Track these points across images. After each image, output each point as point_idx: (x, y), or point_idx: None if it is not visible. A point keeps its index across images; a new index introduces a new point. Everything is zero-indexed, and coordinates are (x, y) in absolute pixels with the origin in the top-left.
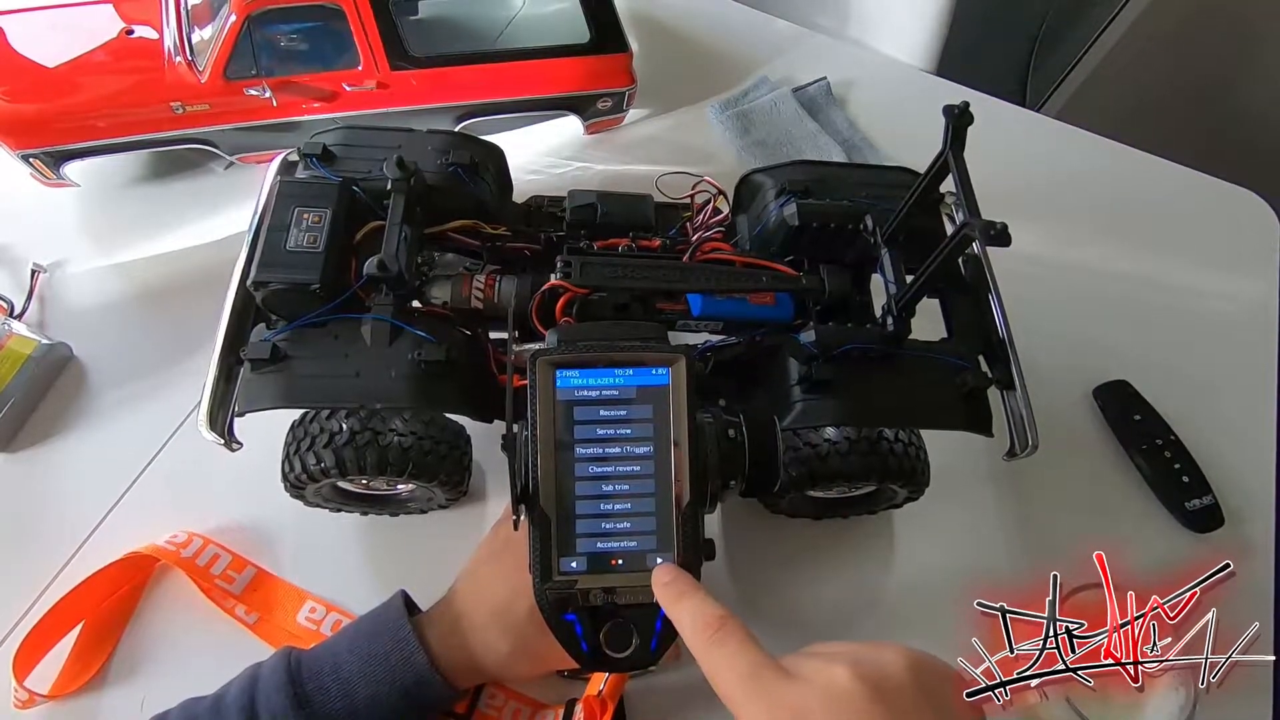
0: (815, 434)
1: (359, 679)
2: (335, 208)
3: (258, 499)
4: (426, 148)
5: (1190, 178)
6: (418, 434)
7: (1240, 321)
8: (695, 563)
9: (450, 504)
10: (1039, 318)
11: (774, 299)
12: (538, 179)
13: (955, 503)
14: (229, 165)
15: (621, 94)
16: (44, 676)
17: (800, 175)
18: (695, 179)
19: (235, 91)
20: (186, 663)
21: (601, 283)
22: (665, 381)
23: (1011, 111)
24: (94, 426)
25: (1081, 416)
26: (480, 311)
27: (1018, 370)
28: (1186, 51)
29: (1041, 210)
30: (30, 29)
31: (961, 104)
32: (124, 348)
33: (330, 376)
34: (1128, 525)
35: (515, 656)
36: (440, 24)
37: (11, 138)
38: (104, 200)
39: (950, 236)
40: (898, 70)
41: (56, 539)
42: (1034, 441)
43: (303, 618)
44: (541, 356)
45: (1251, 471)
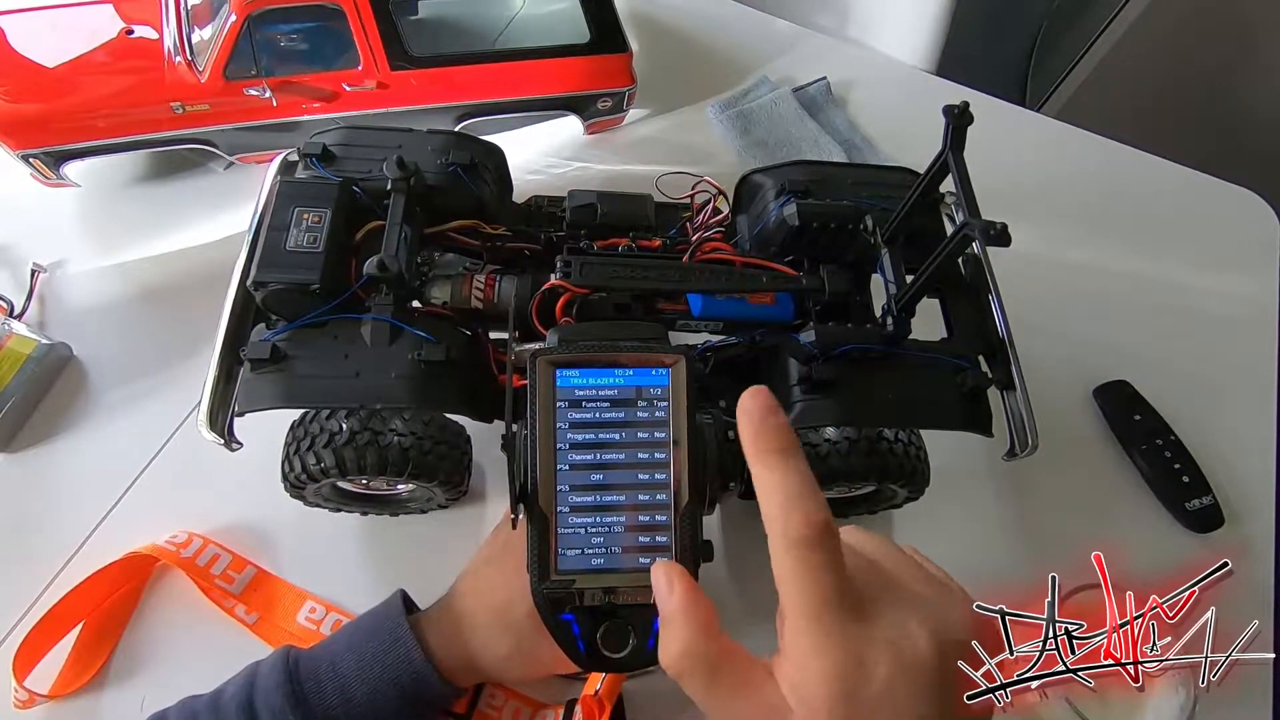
0: (815, 434)
1: (357, 677)
2: (335, 208)
3: (258, 499)
4: (426, 148)
5: (1190, 177)
6: (418, 434)
7: (1240, 321)
8: (693, 564)
9: (450, 504)
10: (1039, 318)
11: (774, 299)
12: (538, 179)
13: (955, 503)
14: (229, 165)
15: (621, 94)
16: (44, 676)
17: (800, 175)
18: (695, 179)
19: (235, 91)
20: (186, 663)
21: (601, 283)
22: (665, 382)
23: (1011, 111)
24: (94, 426)
25: (1081, 416)
26: (480, 311)
27: (1018, 370)
28: (1186, 51)
29: (1042, 210)
30: (30, 29)
31: (961, 104)
32: (124, 348)
33: (330, 376)
34: (1128, 525)
35: (514, 657)
36: (440, 24)
37: (11, 138)
38: (104, 200)
39: (950, 236)
40: (898, 70)
41: (56, 539)
42: (1034, 441)
43: (302, 618)
44: (542, 355)
45: (1251, 471)
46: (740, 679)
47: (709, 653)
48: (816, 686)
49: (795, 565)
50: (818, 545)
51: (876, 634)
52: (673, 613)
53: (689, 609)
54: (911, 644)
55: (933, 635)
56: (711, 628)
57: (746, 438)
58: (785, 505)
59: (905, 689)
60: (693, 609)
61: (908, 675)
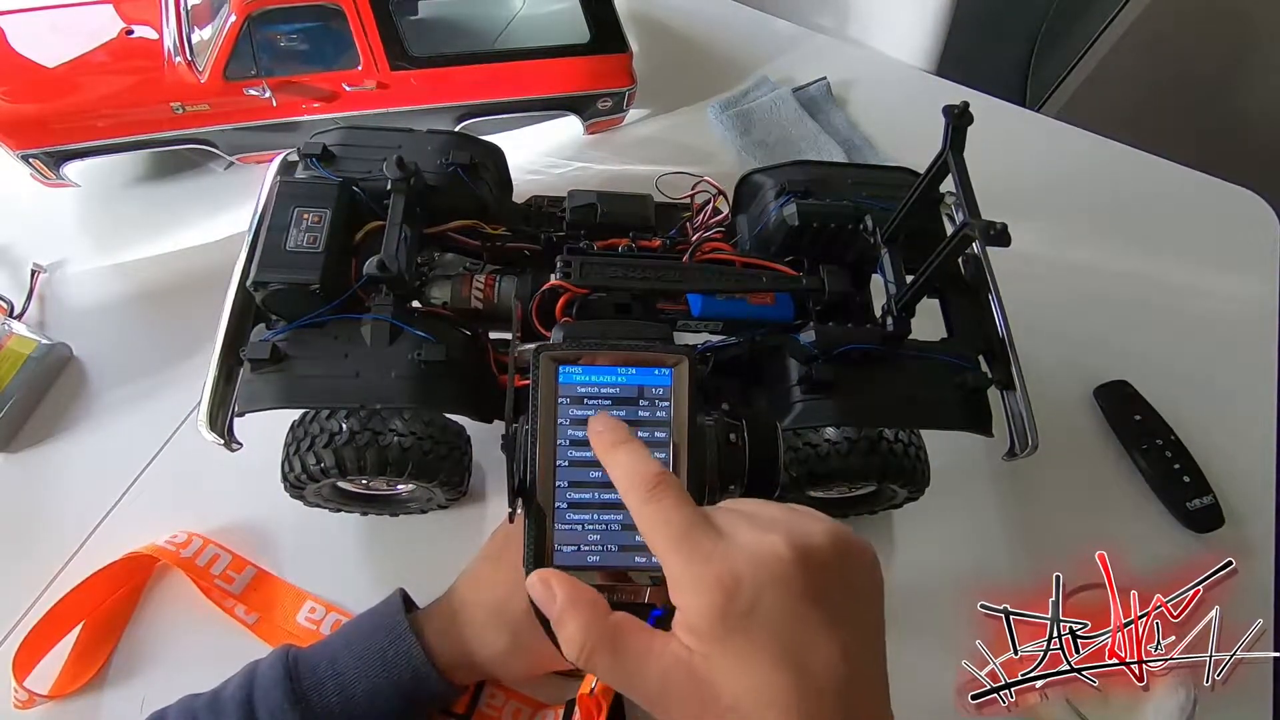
0: (815, 434)
1: (356, 675)
2: (335, 208)
3: (258, 499)
4: (426, 148)
5: (1190, 177)
6: (418, 434)
7: (1240, 321)
8: None
9: (450, 504)
10: (1039, 318)
11: (774, 299)
12: (538, 179)
13: (955, 503)
14: (229, 165)
15: (621, 94)
16: (44, 676)
17: (800, 175)
18: (695, 179)
19: (235, 91)
20: (186, 663)
21: (601, 283)
22: (668, 382)
23: (1011, 111)
24: (94, 426)
25: (1081, 416)
26: (480, 311)
27: (1018, 370)
28: (1186, 51)
29: (1042, 210)
30: (30, 29)
31: (961, 104)
32: (124, 348)
33: (330, 376)
34: (1128, 525)
35: (511, 653)
36: (440, 24)
37: (11, 138)
38: (104, 200)
39: (950, 236)
40: (898, 70)
41: (56, 539)
42: (1034, 441)
43: (302, 618)
44: (545, 351)
45: (1251, 471)
46: (642, 645)
47: (604, 629)
48: (696, 612)
49: (650, 513)
50: (660, 490)
51: (735, 551)
52: (562, 610)
53: (573, 600)
54: (770, 549)
55: (790, 542)
56: (600, 608)
57: (596, 450)
58: (629, 475)
59: (773, 590)
60: (577, 598)
61: (774, 577)
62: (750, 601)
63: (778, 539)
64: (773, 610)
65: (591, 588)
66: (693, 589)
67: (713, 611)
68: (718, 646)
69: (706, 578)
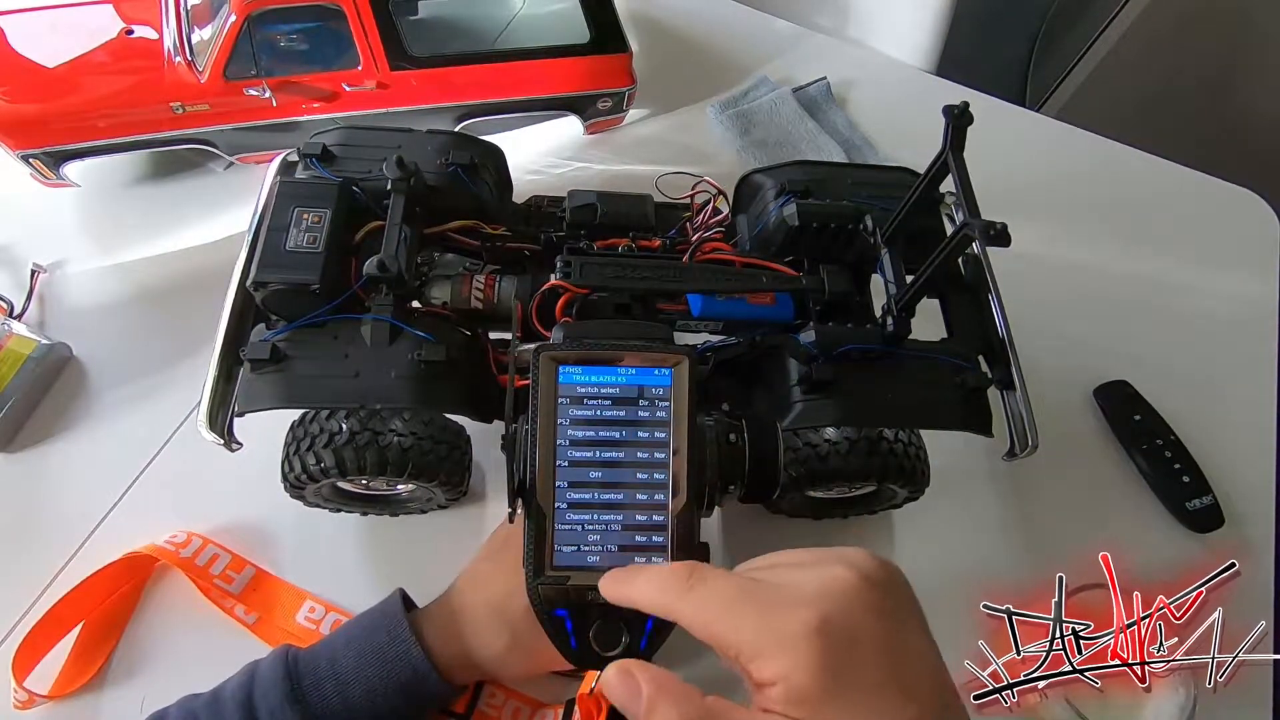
0: (815, 434)
1: (355, 674)
2: (335, 208)
3: (257, 499)
4: (426, 148)
5: (1190, 178)
6: (418, 434)
7: (1240, 321)
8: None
9: (450, 504)
10: (1039, 318)
11: (774, 299)
12: (538, 179)
13: (955, 503)
14: (229, 165)
15: (621, 94)
16: (44, 676)
17: (800, 175)
18: (695, 179)
19: (235, 91)
20: (186, 663)
21: (601, 283)
22: (668, 382)
23: (1011, 111)
24: (94, 426)
25: (1081, 416)
26: (480, 311)
27: (1018, 370)
28: (1186, 51)
29: (1042, 210)
30: (30, 29)
31: (961, 104)
32: (124, 348)
33: (330, 377)
34: (1128, 525)
35: (511, 653)
36: (440, 24)
37: (11, 138)
38: (104, 200)
39: (950, 236)
40: (898, 70)
41: (56, 539)
42: (1034, 441)
43: (302, 618)
44: (545, 351)
45: (1251, 471)
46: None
47: (700, 715)
48: (800, 670)
49: (700, 597)
50: (698, 572)
51: (805, 592)
52: (651, 700)
53: (663, 689)
54: (836, 579)
55: (847, 567)
56: (693, 695)
57: (614, 598)
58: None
59: (864, 617)
60: (668, 687)
61: (862, 604)
62: (848, 638)
63: (835, 568)
64: (871, 640)
65: (669, 672)
66: (781, 648)
67: (817, 664)
68: (830, 706)
69: (793, 628)
